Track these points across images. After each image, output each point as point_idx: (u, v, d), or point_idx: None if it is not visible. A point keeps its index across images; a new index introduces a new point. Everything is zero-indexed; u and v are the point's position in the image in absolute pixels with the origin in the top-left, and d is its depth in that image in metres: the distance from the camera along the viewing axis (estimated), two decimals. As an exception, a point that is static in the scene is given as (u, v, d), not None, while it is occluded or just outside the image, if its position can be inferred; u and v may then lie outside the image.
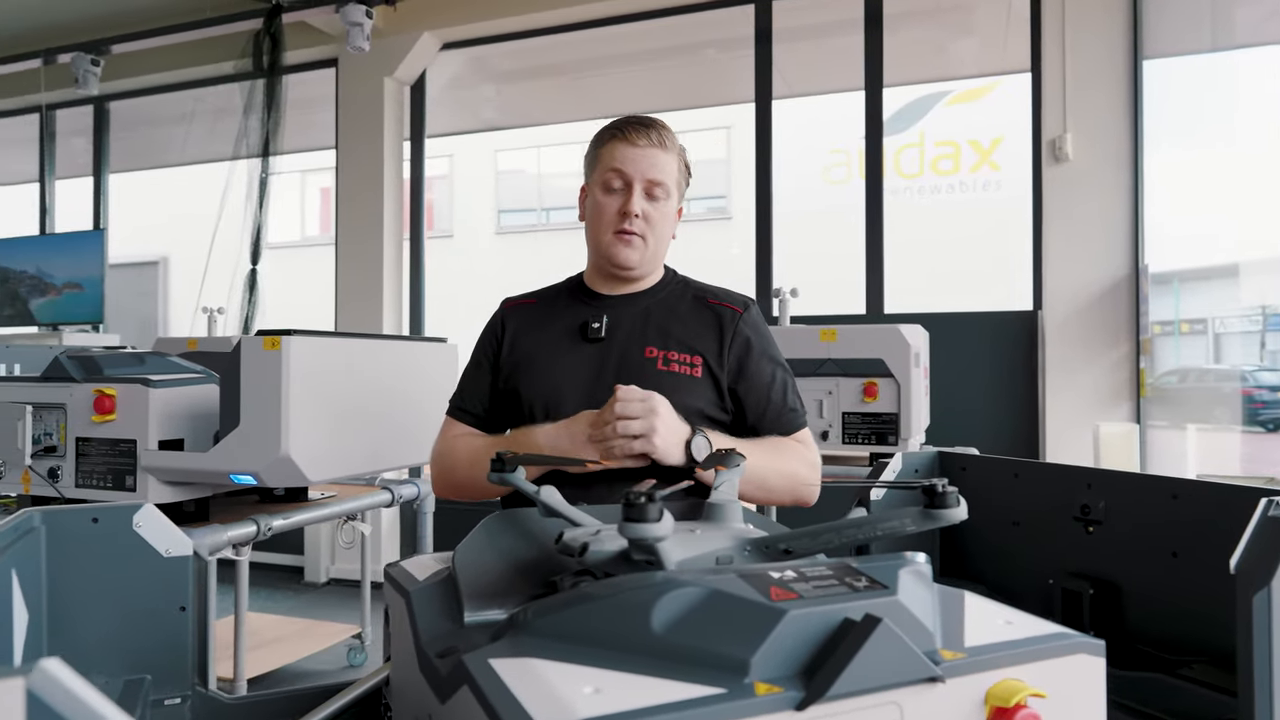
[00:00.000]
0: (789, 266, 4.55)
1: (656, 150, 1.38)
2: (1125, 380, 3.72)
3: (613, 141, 1.39)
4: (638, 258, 1.40)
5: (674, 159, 1.41)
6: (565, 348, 1.41)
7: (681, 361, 1.38)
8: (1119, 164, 3.75)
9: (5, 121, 6.39)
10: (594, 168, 1.43)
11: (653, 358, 1.38)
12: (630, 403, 1.18)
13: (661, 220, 1.40)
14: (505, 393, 1.42)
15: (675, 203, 1.43)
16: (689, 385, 1.36)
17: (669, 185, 1.39)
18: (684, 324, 1.42)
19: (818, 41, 4.83)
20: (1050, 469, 1.11)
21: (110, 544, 0.85)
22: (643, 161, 1.37)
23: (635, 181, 1.37)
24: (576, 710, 0.52)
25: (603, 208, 1.39)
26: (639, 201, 1.37)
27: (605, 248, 1.40)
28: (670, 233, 1.45)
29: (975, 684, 0.63)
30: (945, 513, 0.73)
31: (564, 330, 1.43)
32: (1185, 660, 0.91)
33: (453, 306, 5.58)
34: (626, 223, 1.37)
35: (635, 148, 1.37)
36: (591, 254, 1.47)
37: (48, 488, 1.72)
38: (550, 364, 1.39)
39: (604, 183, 1.39)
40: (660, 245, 1.43)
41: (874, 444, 2.59)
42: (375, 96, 4.98)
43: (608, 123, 1.43)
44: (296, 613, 4.43)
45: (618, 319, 1.42)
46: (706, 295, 1.47)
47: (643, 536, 0.67)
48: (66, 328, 5.30)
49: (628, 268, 1.41)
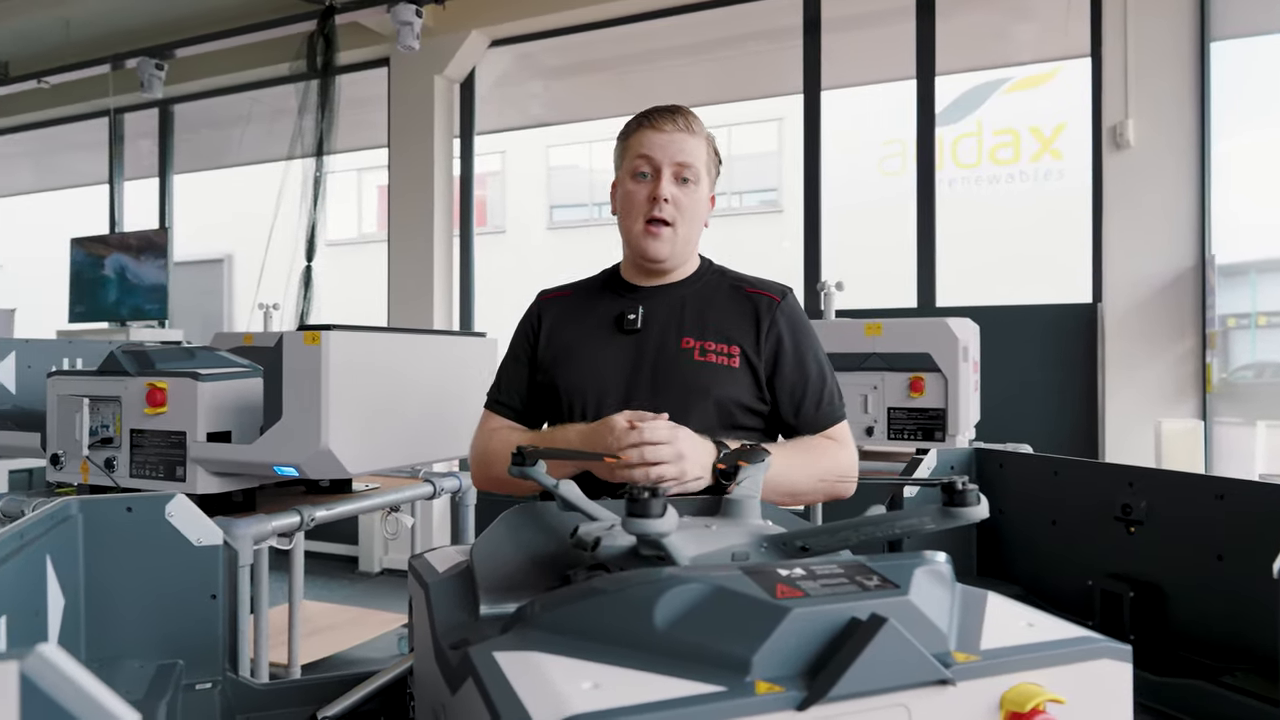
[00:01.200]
0: (841, 259, 4.49)
1: (684, 135, 1.37)
2: (1190, 375, 3.58)
3: (639, 130, 1.38)
4: (668, 250, 1.38)
5: (702, 144, 1.39)
6: (602, 340, 1.40)
7: (719, 351, 1.36)
8: (1184, 150, 3.61)
9: (77, 126, 6.65)
10: (623, 158, 1.42)
11: (689, 348, 1.36)
12: (659, 447, 1.12)
13: (692, 206, 1.38)
14: (543, 385, 1.42)
15: (706, 189, 1.42)
16: (726, 375, 1.35)
17: (698, 169, 1.38)
18: (721, 313, 1.40)
19: (869, 30, 4.74)
20: (1090, 467, 1.08)
21: (144, 533, 0.88)
22: (670, 146, 1.36)
23: (664, 166, 1.36)
24: (572, 705, 0.52)
25: (632, 195, 1.38)
26: (668, 186, 1.35)
27: (636, 240, 1.39)
28: (703, 219, 1.43)
29: (990, 688, 0.61)
30: (964, 511, 0.71)
31: (600, 322, 1.42)
32: (1228, 667, 0.88)
33: (505, 302, 5.63)
34: (656, 209, 1.36)
35: (662, 133, 1.36)
36: (625, 246, 1.46)
37: (105, 477, 1.78)
38: (587, 356, 1.39)
39: (633, 170, 1.38)
40: (692, 232, 1.41)
41: (920, 440, 2.54)
42: (425, 94, 5.05)
43: (635, 114, 1.42)
44: (350, 601, 4.53)
45: (653, 310, 1.40)
46: (743, 284, 1.45)
47: (645, 531, 0.67)
48: (133, 324, 5.50)
49: (658, 260, 1.39)
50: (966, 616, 0.67)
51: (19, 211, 11.68)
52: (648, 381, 1.35)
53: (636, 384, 1.35)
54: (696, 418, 1.26)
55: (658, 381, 1.35)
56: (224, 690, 0.89)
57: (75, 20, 5.47)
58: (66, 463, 1.80)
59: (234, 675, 0.90)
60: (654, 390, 1.33)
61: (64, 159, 7.50)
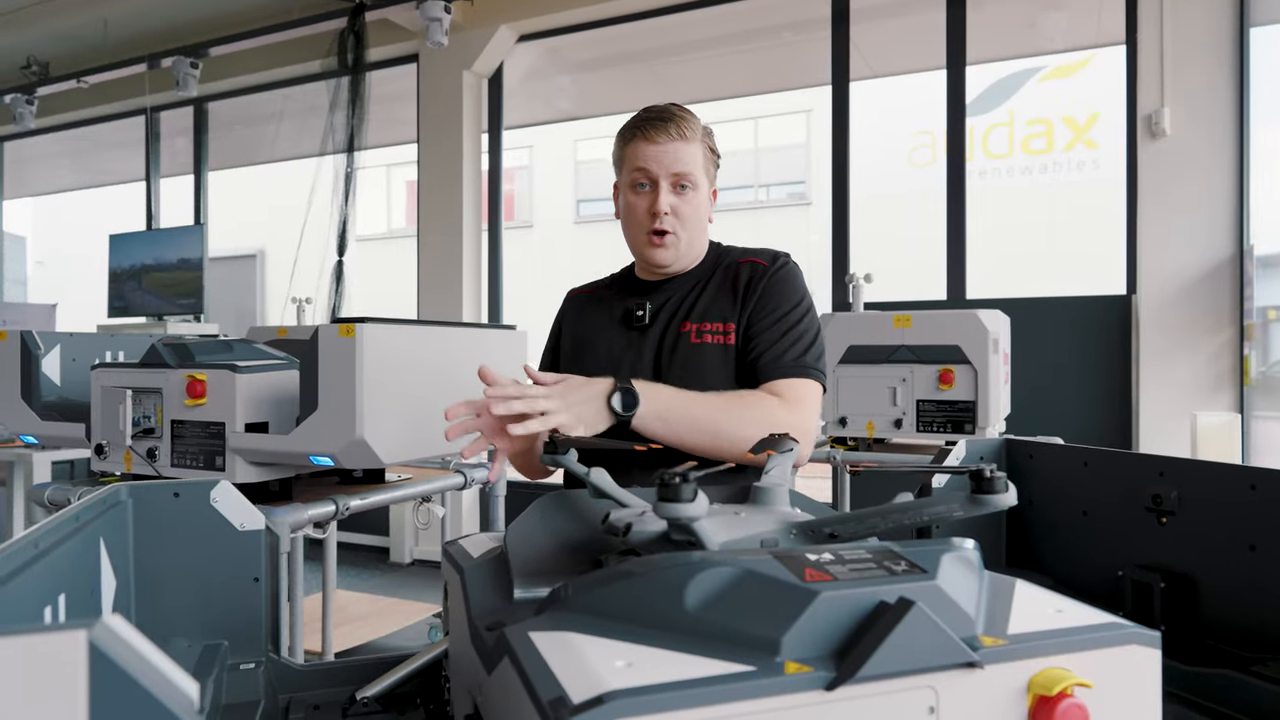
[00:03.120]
0: (870, 251, 4.47)
1: (678, 144, 1.37)
2: (1227, 368, 3.52)
3: (635, 141, 1.40)
4: (672, 256, 1.42)
5: (697, 148, 1.40)
6: (614, 335, 1.45)
7: (714, 331, 1.39)
8: (1222, 139, 3.54)
9: (114, 124, 6.79)
10: (620, 168, 1.45)
11: (687, 332, 1.40)
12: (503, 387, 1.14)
13: (693, 212, 1.41)
14: None
15: (706, 190, 1.44)
16: (721, 354, 1.37)
17: (696, 175, 1.39)
18: (715, 292, 1.43)
19: (899, 20, 4.70)
20: (1120, 457, 1.07)
21: (190, 517, 0.91)
22: (665, 158, 1.37)
23: (661, 178, 1.37)
24: (607, 682, 0.54)
25: (633, 208, 1.42)
26: (666, 198, 1.38)
27: (640, 250, 1.44)
28: (705, 219, 1.45)
29: (1017, 671, 0.61)
30: (992, 498, 0.72)
31: (613, 317, 1.48)
32: (1259, 657, 0.87)
33: (532, 296, 5.67)
34: (657, 222, 1.38)
35: (656, 145, 1.37)
36: (631, 251, 1.50)
37: (147, 467, 1.83)
38: (600, 350, 1.45)
39: (631, 183, 1.41)
40: (695, 235, 1.44)
41: (949, 433, 2.53)
42: (454, 90, 5.09)
43: (628, 119, 1.44)
44: (382, 591, 4.60)
45: (661, 304, 1.45)
46: (738, 257, 1.47)
47: (676, 516, 0.68)
48: (170, 318, 5.61)
49: (663, 266, 1.44)
50: (994, 602, 0.68)
51: (60, 209, 11.93)
52: (650, 370, 1.39)
53: (640, 373, 1.39)
54: None
55: (659, 369, 1.38)
56: (267, 670, 0.91)
57: (113, 20, 5.58)
58: (110, 453, 1.85)
59: (276, 656, 0.93)
60: (656, 378, 1.35)
61: (102, 157, 7.66)
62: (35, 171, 8.25)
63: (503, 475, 2.27)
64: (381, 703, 0.94)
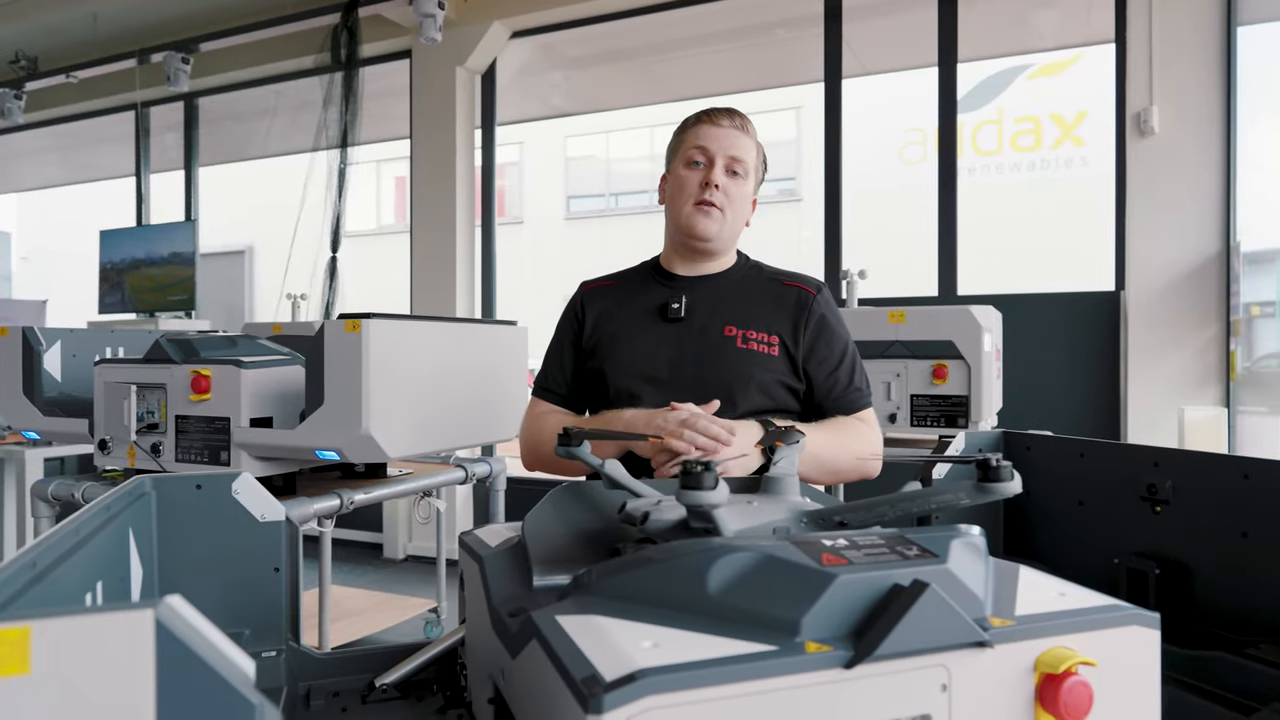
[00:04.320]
0: (861, 247, 4.50)
1: (738, 132, 1.45)
2: (1214, 363, 3.58)
3: (698, 125, 1.46)
4: (716, 229, 1.44)
5: (753, 145, 1.47)
6: (646, 327, 1.46)
7: (759, 340, 1.43)
8: (1209, 137, 3.59)
9: (103, 120, 6.74)
10: (677, 150, 1.49)
11: (731, 336, 1.43)
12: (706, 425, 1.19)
13: (739, 198, 1.46)
14: (589, 372, 1.48)
15: (751, 188, 1.49)
16: (766, 362, 1.41)
17: (748, 165, 1.45)
18: (760, 304, 1.47)
19: (890, 17, 4.73)
20: (1116, 448, 1.10)
21: (212, 509, 0.92)
22: (725, 140, 1.43)
23: (717, 156, 1.43)
24: (636, 661, 0.56)
25: (684, 181, 1.45)
26: (720, 174, 1.43)
27: (685, 219, 1.45)
28: (746, 216, 1.50)
29: (1024, 651, 0.64)
30: (998, 486, 0.74)
31: (644, 310, 1.48)
32: (1252, 641, 0.90)
33: (523, 291, 5.69)
34: (707, 193, 1.42)
35: (718, 127, 1.44)
36: (670, 230, 1.52)
37: (151, 462, 1.84)
38: (632, 343, 1.45)
39: (687, 159, 1.45)
40: (736, 224, 1.48)
41: (943, 426, 2.56)
42: (448, 86, 5.09)
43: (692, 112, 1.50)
44: (376, 587, 4.61)
45: (696, 299, 1.47)
46: (780, 277, 1.53)
47: (699, 503, 0.71)
48: (162, 314, 5.59)
49: (706, 239, 1.45)
50: (1001, 586, 0.71)
51: (45, 205, 11.83)
52: (692, 367, 1.41)
53: (681, 368, 1.41)
54: (741, 401, 1.31)
55: (703, 367, 1.40)
56: (288, 659, 0.93)
57: (102, 15, 5.55)
58: (114, 448, 1.86)
59: (296, 645, 0.95)
60: (698, 375, 1.38)
61: (89, 152, 7.61)
62: (21, 167, 8.20)
63: (503, 470, 2.29)
64: (400, 689, 0.96)
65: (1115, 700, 0.66)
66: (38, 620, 0.41)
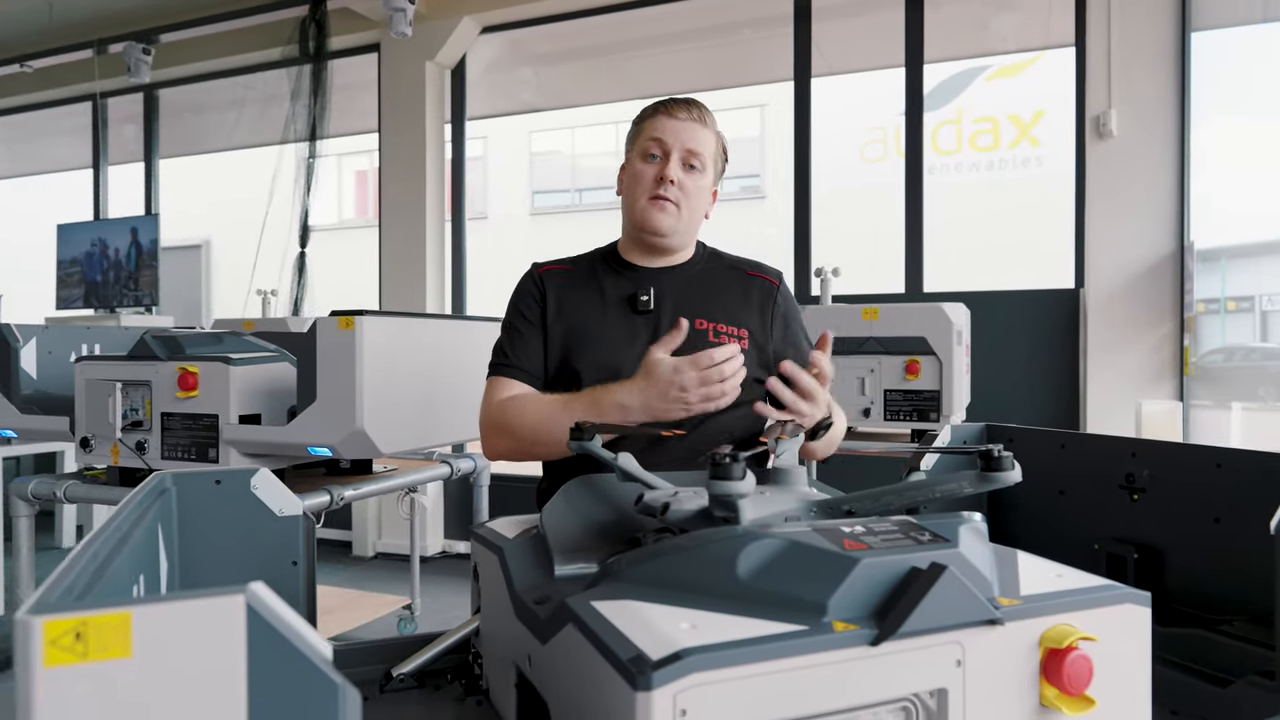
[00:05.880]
0: (825, 245, 4.57)
1: (696, 125, 1.44)
2: (1169, 358, 3.71)
3: (655, 116, 1.45)
4: (671, 224, 1.43)
5: (712, 136, 1.46)
6: (615, 319, 1.45)
7: (729, 334, 1.44)
8: (1165, 139, 3.72)
9: (58, 110, 6.57)
10: (635, 140, 1.48)
11: (703, 329, 1.43)
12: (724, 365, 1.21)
13: (696, 192, 1.45)
14: (556, 359, 1.45)
15: (710, 180, 1.48)
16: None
17: (705, 158, 1.44)
18: (727, 296, 1.49)
19: (856, 18, 4.81)
20: (1096, 439, 1.16)
21: (231, 504, 0.94)
22: (683, 133, 1.42)
23: (673, 150, 1.42)
24: (679, 641, 0.60)
25: (640, 174, 1.44)
26: (675, 169, 1.42)
27: (640, 213, 1.44)
28: (704, 209, 1.49)
29: (1030, 628, 0.69)
30: (1001, 475, 0.79)
31: (611, 302, 1.46)
32: (1225, 619, 0.97)
33: (487, 288, 5.67)
34: (662, 188, 1.42)
35: (675, 120, 1.43)
36: (626, 223, 1.51)
37: (135, 459, 1.83)
38: (603, 336, 1.43)
39: (643, 151, 1.44)
40: (694, 218, 1.47)
41: (915, 421, 2.63)
42: (417, 81, 5.06)
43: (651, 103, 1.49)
44: (346, 585, 4.58)
45: (663, 291, 1.46)
46: (742, 266, 1.54)
47: (729, 493, 0.74)
48: (123, 310, 5.48)
49: (660, 234, 1.44)
50: (1004, 568, 0.76)
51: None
52: None
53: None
54: None
55: None
56: (307, 650, 0.95)
57: (58, 3, 5.41)
58: (97, 446, 1.85)
59: (314, 636, 0.96)
60: None
61: (39, 144, 7.41)
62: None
63: (486, 466, 2.31)
64: (416, 679, 0.99)
65: (1111, 672, 0.71)
66: (138, 606, 0.43)
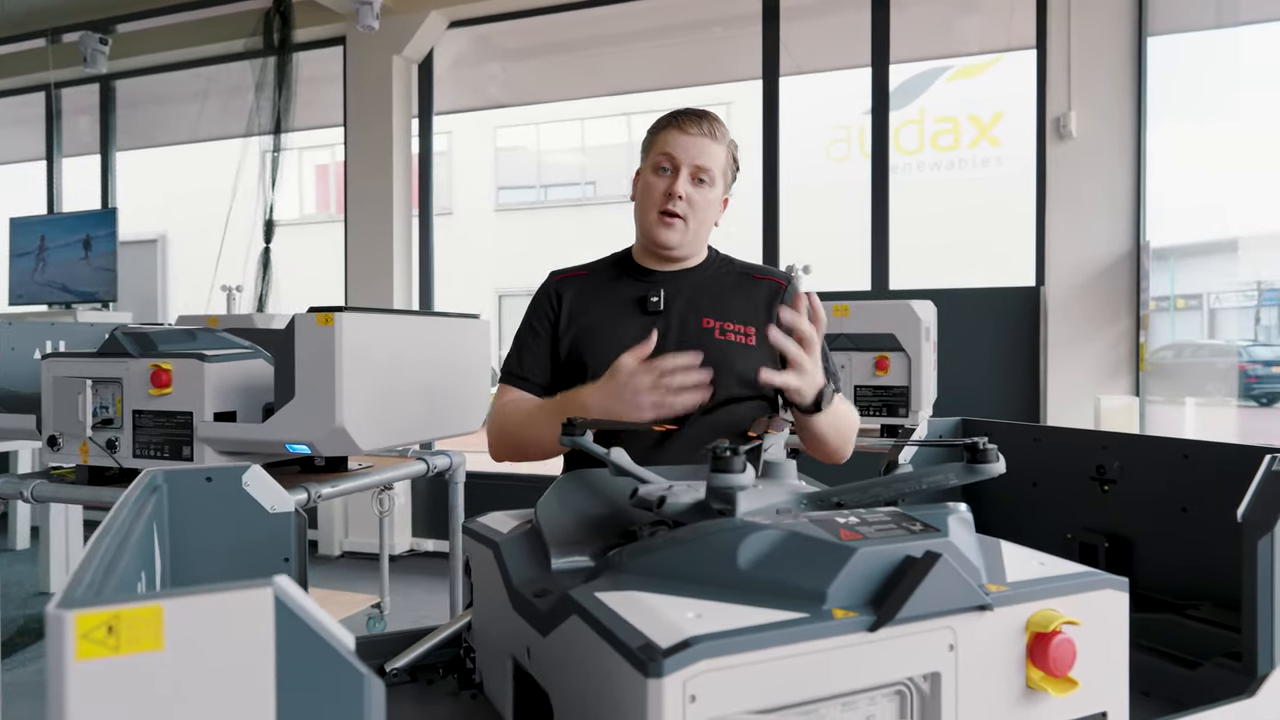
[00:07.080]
0: (791, 243, 4.62)
1: (706, 139, 1.47)
2: (1126, 355, 3.81)
3: (667, 129, 1.49)
4: (678, 239, 1.49)
5: (723, 150, 1.50)
6: (625, 320, 1.50)
7: (737, 332, 1.49)
8: (1122, 141, 3.82)
9: (10, 100, 6.39)
10: (648, 152, 1.53)
11: (710, 328, 1.49)
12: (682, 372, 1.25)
13: (705, 205, 1.50)
14: (568, 363, 1.50)
15: (720, 191, 1.53)
16: (744, 352, 1.47)
17: (714, 173, 1.49)
18: (735, 297, 1.53)
19: (823, 18, 4.87)
20: (1068, 433, 1.20)
21: (222, 501, 0.93)
22: (692, 148, 1.46)
23: (683, 166, 1.47)
24: (686, 629, 0.61)
25: (651, 188, 1.49)
26: (684, 185, 1.46)
27: (649, 226, 1.50)
28: (714, 218, 1.55)
29: (1017, 613, 0.72)
30: (986, 467, 0.82)
31: (622, 303, 1.52)
32: (1193, 604, 1.01)
33: (453, 282, 5.64)
34: (670, 203, 1.47)
35: (687, 135, 1.47)
36: (638, 232, 1.56)
37: (105, 458, 1.80)
38: (612, 336, 1.47)
39: (654, 165, 1.49)
40: (702, 228, 1.52)
41: (885, 416, 2.68)
42: (384, 75, 5.01)
43: (667, 112, 1.53)
44: (313, 584, 4.51)
45: (673, 293, 1.52)
46: (752, 271, 1.60)
47: (728, 485, 0.76)
48: (80, 306, 5.35)
49: (668, 247, 1.50)
50: (989, 557, 0.78)
51: (-58, 189, 11.08)
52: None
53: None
54: (720, 390, 1.36)
55: None
56: (299, 646, 0.95)
57: (12, -9, 5.27)
58: (65, 444, 1.81)
59: (306, 633, 0.96)
60: None
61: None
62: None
63: (462, 463, 2.30)
64: (410, 674, 0.99)
65: (1093, 654, 0.74)
66: (168, 599, 0.44)
